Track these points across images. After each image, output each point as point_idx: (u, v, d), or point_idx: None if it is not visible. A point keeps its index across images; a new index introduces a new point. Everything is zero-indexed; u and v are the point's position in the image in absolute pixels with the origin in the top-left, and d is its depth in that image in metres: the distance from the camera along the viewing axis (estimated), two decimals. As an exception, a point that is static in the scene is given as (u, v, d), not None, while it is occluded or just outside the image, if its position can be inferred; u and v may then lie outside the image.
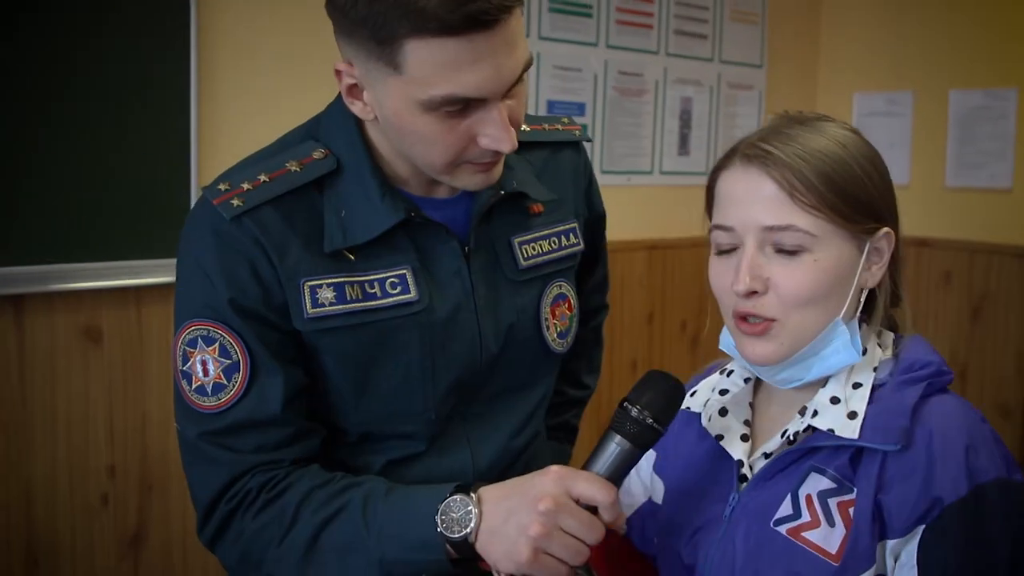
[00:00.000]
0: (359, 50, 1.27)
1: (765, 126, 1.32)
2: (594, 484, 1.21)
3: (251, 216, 1.35)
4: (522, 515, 1.20)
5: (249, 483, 1.36)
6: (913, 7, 4.34)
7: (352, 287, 1.38)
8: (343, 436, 1.46)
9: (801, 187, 1.21)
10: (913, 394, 1.22)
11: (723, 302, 1.30)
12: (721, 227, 1.28)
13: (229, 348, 1.35)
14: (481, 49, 1.22)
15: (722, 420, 1.37)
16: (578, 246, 1.61)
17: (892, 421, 1.19)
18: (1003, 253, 4.02)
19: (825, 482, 1.22)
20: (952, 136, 4.21)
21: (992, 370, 4.06)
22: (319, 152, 1.42)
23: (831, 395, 1.25)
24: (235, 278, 1.35)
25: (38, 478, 2.62)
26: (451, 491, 1.27)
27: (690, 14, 4.17)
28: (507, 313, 1.49)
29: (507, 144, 1.29)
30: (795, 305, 1.23)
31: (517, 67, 1.27)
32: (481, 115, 1.28)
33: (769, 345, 1.25)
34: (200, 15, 2.76)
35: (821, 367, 1.26)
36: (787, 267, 1.23)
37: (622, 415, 1.25)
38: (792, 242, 1.22)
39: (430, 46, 1.20)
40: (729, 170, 1.29)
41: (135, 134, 2.67)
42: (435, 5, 1.18)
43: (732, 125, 4.38)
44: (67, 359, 2.65)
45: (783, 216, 1.22)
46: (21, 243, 2.52)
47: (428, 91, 1.24)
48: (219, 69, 2.85)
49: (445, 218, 1.44)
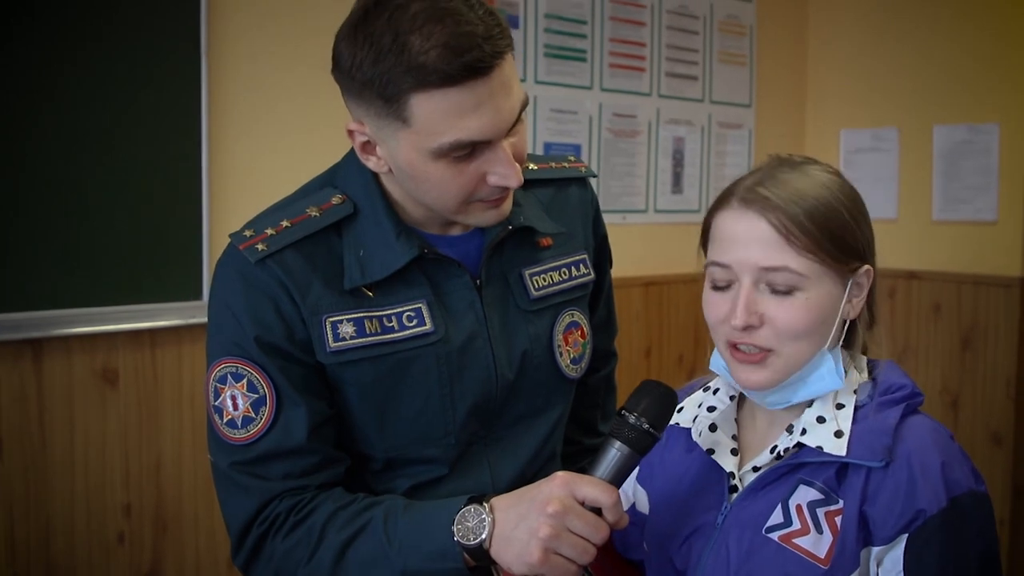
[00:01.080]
0: (368, 109, 1.36)
1: (757, 168, 1.41)
2: (597, 487, 1.29)
3: (275, 259, 1.44)
4: (532, 519, 1.27)
5: (278, 507, 1.43)
6: (896, 45, 4.41)
7: (371, 321, 1.45)
8: (370, 463, 1.53)
9: (796, 231, 1.30)
10: (894, 415, 1.32)
11: (717, 331, 1.38)
12: (718, 264, 1.35)
13: (256, 383, 1.43)
14: (481, 95, 1.31)
15: (712, 435, 1.45)
16: (588, 276, 1.68)
17: (876, 440, 1.29)
18: (990, 284, 4.06)
19: (814, 493, 1.31)
20: (937, 170, 4.26)
21: (983, 399, 4.09)
22: (337, 198, 1.50)
23: (817, 414, 1.34)
24: (260, 317, 1.43)
25: (57, 516, 2.66)
26: (465, 502, 1.35)
27: (680, 56, 4.24)
28: (520, 341, 1.56)
29: (514, 180, 1.38)
30: (790, 338, 1.31)
31: (515, 107, 1.36)
32: (488, 156, 1.36)
33: (764, 372, 1.34)
34: (211, 63, 2.83)
35: (807, 391, 1.35)
36: (780, 304, 1.31)
37: (620, 422, 1.33)
38: (785, 282, 1.30)
39: (433, 98, 1.29)
40: (727, 211, 1.36)
41: (148, 182, 2.73)
42: (434, 59, 1.27)
43: (723, 163, 4.44)
44: (84, 400, 2.70)
45: (778, 258, 1.30)
46: (39, 288, 2.58)
47: (437, 140, 1.32)
48: (229, 119, 2.91)
49: (458, 254, 1.52)
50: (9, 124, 2.50)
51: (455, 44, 1.27)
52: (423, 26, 1.27)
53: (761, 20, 4.55)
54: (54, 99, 2.56)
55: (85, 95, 2.61)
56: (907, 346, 4.30)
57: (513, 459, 1.59)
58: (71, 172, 2.60)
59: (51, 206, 2.58)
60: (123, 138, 2.68)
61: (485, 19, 1.31)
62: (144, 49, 2.71)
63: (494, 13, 1.34)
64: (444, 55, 1.27)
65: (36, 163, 2.55)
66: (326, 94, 1.43)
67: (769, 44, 4.61)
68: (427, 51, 1.27)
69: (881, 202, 4.38)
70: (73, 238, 2.62)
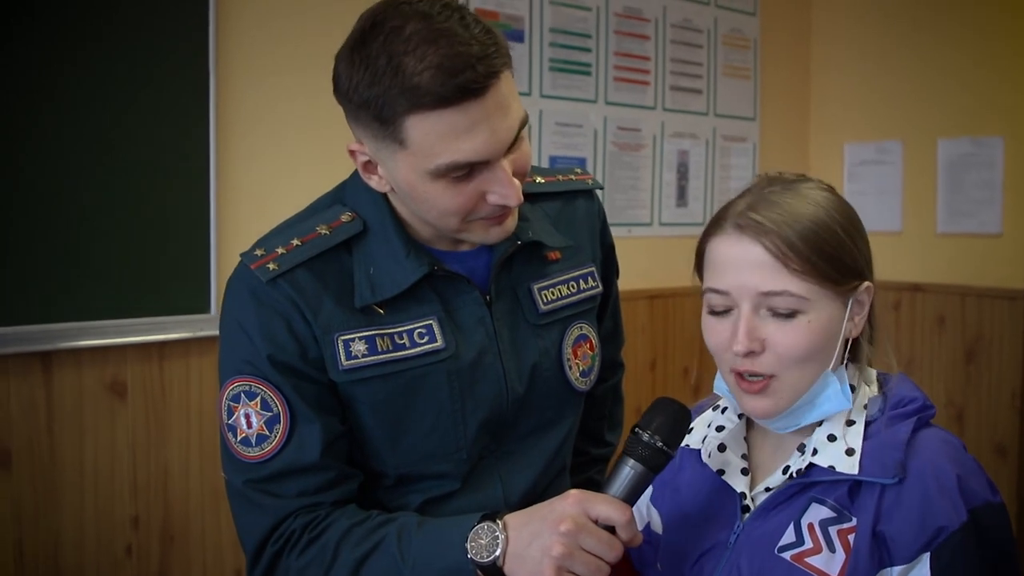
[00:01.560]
0: (366, 130, 1.36)
1: (748, 190, 1.40)
2: (611, 505, 1.28)
3: (286, 278, 1.44)
4: (545, 537, 1.27)
5: (292, 525, 1.42)
6: (900, 59, 4.42)
7: (383, 339, 1.45)
8: (382, 479, 1.52)
9: (792, 255, 1.28)
10: (905, 429, 1.31)
11: (720, 358, 1.37)
12: (715, 291, 1.34)
13: (270, 401, 1.43)
14: (475, 116, 1.30)
15: (722, 456, 1.44)
16: (596, 288, 1.68)
17: (888, 456, 1.28)
18: (994, 296, 4.06)
19: (826, 511, 1.30)
20: (942, 183, 4.27)
21: (988, 411, 4.10)
22: (347, 216, 1.50)
23: (828, 433, 1.33)
24: (273, 336, 1.43)
25: (65, 528, 2.67)
26: (478, 519, 1.34)
27: (685, 70, 4.26)
28: (530, 355, 1.56)
29: (513, 199, 1.37)
30: (792, 362, 1.31)
31: (512, 127, 1.35)
32: (486, 175, 1.36)
33: (768, 401, 1.33)
34: (219, 83, 2.86)
35: (815, 414, 1.34)
36: (782, 328, 1.30)
37: (634, 440, 1.32)
38: (786, 306, 1.29)
39: (428, 119, 1.29)
40: (720, 237, 1.35)
41: (158, 198, 2.75)
42: (428, 80, 1.27)
43: (727, 176, 4.45)
44: (93, 413, 2.71)
45: (777, 282, 1.29)
46: (49, 301, 2.59)
47: (433, 161, 1.32)
48: (237, 135, 2.93)
49: (467, 270, 1.52)
50: (16, 137, 2.52)
51: (449, 65, 1.27)
52: (417, 48, 1.28)
53: (765, 34, 4.57)
54: (62, 112, 2.58)
55: (95, 108, 2.63)
56: (912, 359, 4.30)
57: (524, 472, 1.59)
58: (81, 186, 2.62)
59: (61, 220, 2.60)
60: (132, 153, 2.70)
61: (481, 38, 1.30)
62: (156, 67, 2.73)
63: (491, 32, 1.33)
64: (437, 76, 1.27)
65: (45, 178, 2.57)
66: (333, 111, 1.44)
67: (773, 57, 4.63)
68: (421, 72, 1.27)
69: (885, 215, 4.39)
70: (83, 252, 2.64)
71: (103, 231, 2.67)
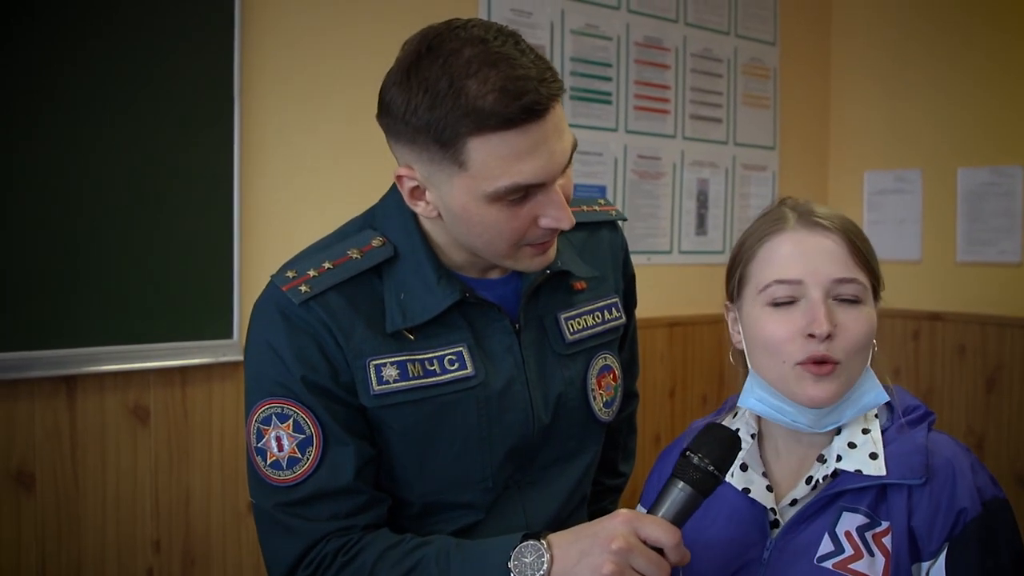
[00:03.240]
0: (421, 154, 1.35)
1: (783, 202, 1.48)
2: (661, 526, 1.26)
3: (318, 301, 1.43)
4: (595, 555, 1.24)
5: (325, 548, 1.41)
6: (919, 88, 4.43)
7: (414, 365, 1.45)
8: (408, 508, 1.51)
9: (856, 248, 1.38)
10: (921, 433, 1.39)
11: (783, 351, 1.38)
12: (784, 281, 1.38)
13: (303, 423, 1.42)
14: (536, 138, 1.31)
15: (744, 475, 1.46)
16: (620, 319, 1.69)
17: (912, 458, 1.35)
18: (1015, 325, 4.05)
19: (860, 518, 1.34)
20: (961, 212, 4.27)
21: (1009, 440, 4.07)
22: (377, 240, 1.50)
23: (847, 441, 1.39)
24: (306, 357, 1.42)
25: (87, 551, 2.68)
26: (521, 538, 1.31)
27: (705, 99, 4.28)
28: (556, 385, 1.56)
29: (567, 222, 1.38)
30: (856, 349, 1.36)
31: (567, 150, 1.37)
32: (540, 199, 1.36)
33: (832, 385, 1.36)
34: (244, 109, 2.88)
35: (854, 410, 1.40)
36: (850, 314, 1.36)
37: (685, 463, 1.30)
38: (853, 293, 1.37)
39: (491, 141, 1.30)
40: (785, 233, 1.41)
41: (182, 224, 2.77)
42: (492, 103, 1.27)
43: (747, 205, 4.46)
44: (116, 437, 2.73)
45: (849, 270, 1.37)
46: (73, 326, 2.61)
47: (494, 184, 1.32)
48: (261, 162, 2.96)
49: (496, 297, 1.52)
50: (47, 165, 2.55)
51: (512, 88, 1.28)
52: (479, 71, 1.28)
53: (784, 63, 4.59)
54: (92, 140, 2.61)
55: (123, 134, 2.66)
56: (932, 387, 4.29)
57: (547, 503, 1.58)
58: (106, 213, 2.65)
59: (85, 245, 2.62)
60: (157, 180, 2.73)
61: (537, 63, 1.32)
62: (181, 97, 2.76)
63: (543, 58, 1.35)
64: (501, 99, 1.27)
65: (72, 205, 2.59)
66: (359, 136, 1.45)
67: (793, 87, 4.64)
68: (484, 95, 1.27)
69: (905, 244, 4.39)
70: (107, 277, 2.66)
71: (127, 257, 2.69)
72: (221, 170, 2.85)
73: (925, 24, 4.42)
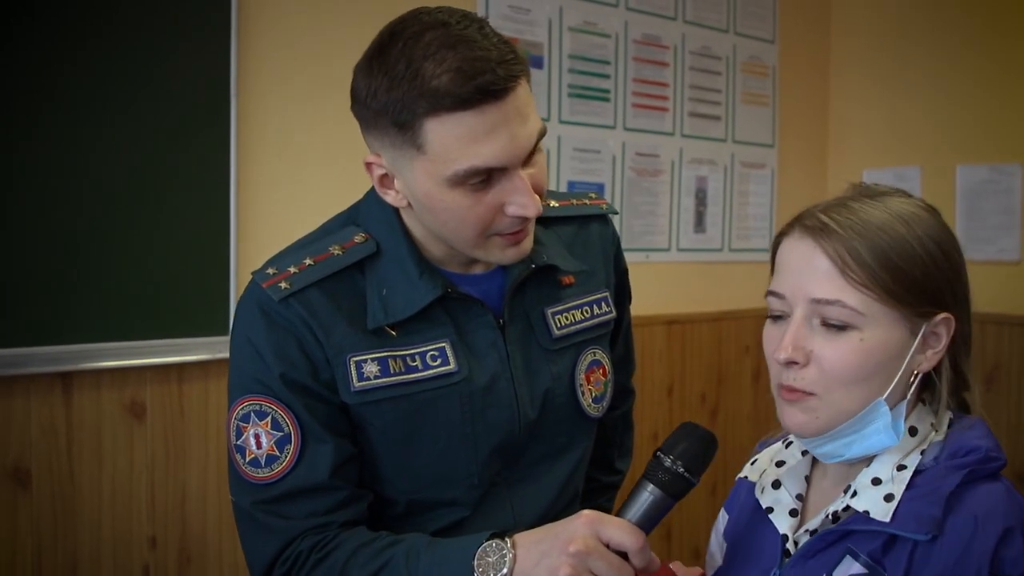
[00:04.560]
0: (384, 139, 1.36)
1: (836, 196, 1.31)
2: (624, 529, 1.23)
3: (298, 298, 1.43)
4: (553, 557, 1.22)
5: (300, 546, 1.41)
6: (918, 86, 4.42)
7: (395, 361, 1.44)
8: (392, 507, 1.51)
9: (853, 263, 1.19)
10: (952, 481, 1.17)
11: (771, 369, 1.28)
12: (774, 294, 1.27)
13: (281, 421, 1.41)
14: (495, 120, 1.30)
15: (774, 492, 1.35)
16: (610, 314, 1.67)
17: (925, 509, 1.16)
18: (1013, 324, 4.03)
19: (857, 567, 1.19)
20: (960, 210, 4.25)
21: (1006, 438, 4.00)
22: (360, 236, 1.50)
23: (873, 476, 1.22)
24: (285, 354, 1.42)
25: (83, 548, 2.68)
26: (487, 537, 1.30)
27: (703, 97, 4.27)
28: (543, 380, 1.55)
29: (532, 209, 1.36)
30: (836, 382, 1.21)
31: (532, 135, 1.35)
32: (504, 185, 1.35)
33: (803, 416, 1.24)
34: (240, 106, 2.88)
35: (861, 446, 1.24)
36: (831, 342, 1.21)
37: (655, 464, 1.27)
38: (838, 317, 1.20)
39: (447, 122, 1.29)
40: (789, 238, 1.28)
41: (178, 221, 2.77)
42: (447, 82, 1.27)
43: (746, 203, 4.45)
44: (112, 433, 2.73)
45: (833, 291, 1.20)
46: (70, 323, 2.61)
47: (452, 167, 1.31)
48: (257, 160, 2.96)
49: (480, 293, 1.51)
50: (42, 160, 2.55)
51: (468, 68, 1.27)
52: (436, 52, 1.28)
53: (783, 61, 4.58)
54: (88, 137, 2.62)
55: (119, 131, 2.66)
56: (930, 386, 4.27)
57: (536, 499, 1.57)
58: (103, 209, 2.65)
59: (82, 243, 2.62)
60: (154, 176, 2.73)
61: (499, 46, 1.31)
62: (179, 95, 2.76)
63: (508, 42, 1.34)
64: (456, 79, 1.27)
65: (68, 201, 2.60)
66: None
67: (791, 84, 4.64)
68: (439, 75, 1.27)
69: (903, 241, 4.37)
70: (103, 273, 2.66)
71: (124, 254, 2.69)
72: (218, 169, 2.85)
73: (924, 22, 4.41)
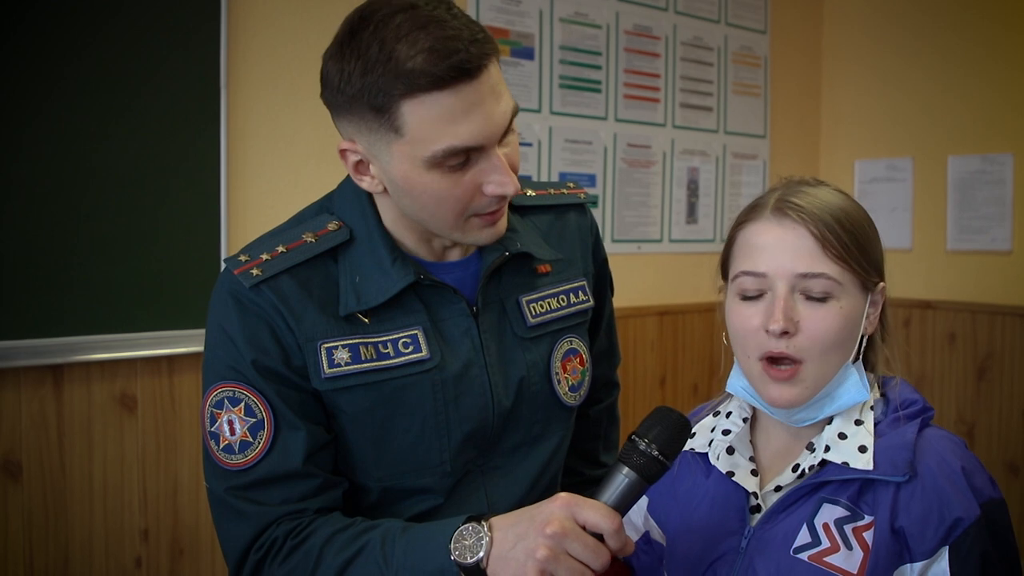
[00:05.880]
0: (359, 124, 1.36)
1: (774, 188, 1.43)
2: (599, 511, 1.24)
3: (269, 284, 1.43)
4: (530, 539, 1.23)
5: (275, 532, 1.41)
6: (910, 76, 4.43)
7: (366, 348, 1.45)
8: (366, 495, 1.51)
9: (831, 237, 1.32)
10: (912, 430, 1.34)
11: (747, 344, 1.37)
12: (750, 273, 1.36)
13: (254, 407, 1.42)
14: (471, 99, 1.31)
15: (730, 458, 1.44)
16: (588, 303, 1.67)
17: (898, 455, 1.31)
18: (1005, 314, 4.05)
19: (839, 511, 1.32)
20: (952, 200, 4.27)
21: (999, 428, 4.08)
22: (333, 224, 1.50)
23: (838, 431, 1.35)
24: (257, 341, 1.42)
25: (75, 540, 2.69)
26: (463, 521, 1.31)
27: (695, 88, 4.28)
28: (517, 368, 1.55)
29: (510, 187, 1.37)
30: (821, 348, 1.33)
31: (506, 113, 1.36)
32: (482, 165, 1.36)
33: (794, 390, 1.34)
34: (230, 96, 2.90)
35: (834, 406, 1.37)
36: (816, 311, 1.32)
37: (630, 447, 1.28)
38: (821, 289, 1.32)
39: (424, 103, 1.30)
40: (758, 222, 1.38)
41: (168, 214, 2.78)
42: (422, 63, 1.28)
43: (738, 193, 4.46)
44: (103, 426, 2.74)
45: (815, 264, 1.32)
46: (60, 316, 2.63)
47: (430, 148, 1.32)
48: (247, 153, 2.97)
49: (454, 280, 1.51)
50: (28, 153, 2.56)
51: (441, 48, 1.28)
52: (408, 34, 1.29)
53: (775, 52, 4.59)
54: (74, 128, 2.62)
55: (107, 120, 2.67)
56: (923, 375, 4.29)
57: (510, 488, 1.57)
58: (93, 201, 2.66)
59: (72, 234, 2.63)
60: (143, 167, 2.74)
61: (469, 25, 1.33)
62: (168, 87, 2.77)
63: (475, 21, 1.35)
64: (431, 59, 1.28)
65: (57, 193, 2.60)
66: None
67: (783, 75, 4.64)
68: (414, 56, 1.28)
69: (896, 232, 4.39)
70: (93, 265, 2.67)
71: (114, 245, 2.70)
72: (208, 162, 2.86)
73: (916, 12, 4.42)
